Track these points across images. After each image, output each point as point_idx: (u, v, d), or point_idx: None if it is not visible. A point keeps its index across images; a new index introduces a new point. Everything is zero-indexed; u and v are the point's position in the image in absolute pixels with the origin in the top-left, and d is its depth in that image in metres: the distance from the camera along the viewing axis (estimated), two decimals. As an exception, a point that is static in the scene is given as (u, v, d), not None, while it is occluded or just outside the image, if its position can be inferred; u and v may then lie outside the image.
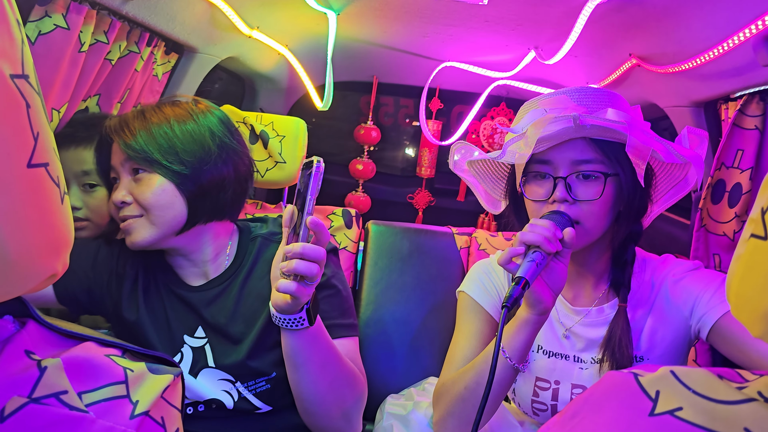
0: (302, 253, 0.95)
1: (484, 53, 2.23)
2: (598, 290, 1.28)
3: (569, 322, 1.27)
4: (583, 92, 1.21)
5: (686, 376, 0.55)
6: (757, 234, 0.52)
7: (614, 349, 1.18)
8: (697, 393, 0.53)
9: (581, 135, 1.15)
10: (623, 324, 1.19)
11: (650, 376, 0.56)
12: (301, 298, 0.98)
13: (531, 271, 1.00)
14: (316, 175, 0.97)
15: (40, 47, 1.23)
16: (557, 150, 1.16)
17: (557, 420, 0.61)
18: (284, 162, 1.85)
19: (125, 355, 0.64)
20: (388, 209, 2.99)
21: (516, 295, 0.97)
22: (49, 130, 0.61)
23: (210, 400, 1.22)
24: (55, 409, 0.55)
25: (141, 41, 1.55)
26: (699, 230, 1.54)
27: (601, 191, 1.14)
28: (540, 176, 1.20)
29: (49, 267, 0.59)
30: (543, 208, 1.18)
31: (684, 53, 1.50)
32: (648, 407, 0.54)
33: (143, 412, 0.58)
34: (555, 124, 1.12)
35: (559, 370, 1.26)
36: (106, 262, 1.26)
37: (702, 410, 0.51)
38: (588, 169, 1.15)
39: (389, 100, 3.02)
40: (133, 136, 1.12)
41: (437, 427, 1.23)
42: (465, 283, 1.38)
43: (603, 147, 1.15)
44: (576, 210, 1.15)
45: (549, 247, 1.03)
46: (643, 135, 1.10)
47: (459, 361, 1.26)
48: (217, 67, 2.02)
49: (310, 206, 0.97)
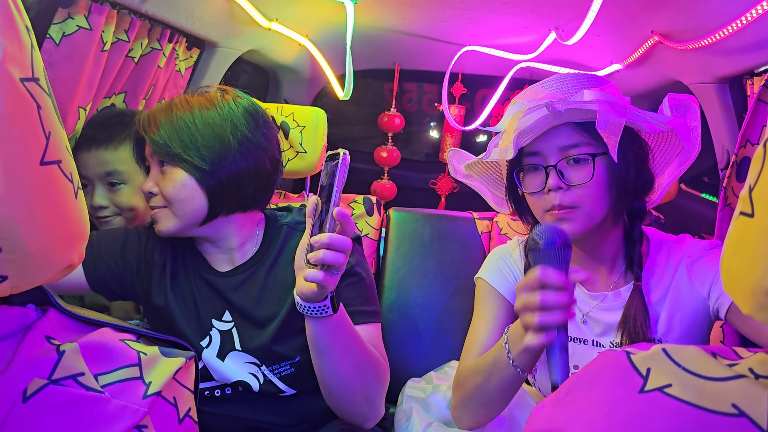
0: (329, 243, 0.97)
1: (504, 36, 2.21)
2: (614, 274, 1.27)
3: (586, 307, 1.27)
4: (561, 80, 1.22)
5: (677, 354, 0.55)
6: (744, 211, 0.52)
7: (630, 329, 1.17)
8: (687, 370, 0.53)
9: (562, 121, 1.15)
10: (638, 303, 1.18)
11: (642, 354, 0.57)
12: (328, 287, 1.00)
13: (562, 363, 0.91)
14: (342, 167, 0.99)
15: (65, 48, 1.28)
16: (544, 139, 1.17)
17: (552, 398, 0.62)
18: (305, 152, 1.88)
19: (140, 340, 0.68)
20: (415, 196, 3.00)
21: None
22: (61, 128, 0.65)
23: (237, 383, 1.26)
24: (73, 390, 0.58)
25: (162, 38, 1.59)
26: (723, 209, 1.51)
27: (592, 172, 1.14)
28: (533, 168, 1.21)
29: (66, 258, 0.63)
30: (541, 199, 1.18)
31: (706, 28, 1.47)
32: (638, 384, 0.55)
33: (155, 392, 0.62)
34: (531, 115, 1.12)
35: (578, 355, 1.26)
36: (134, 249, 1.32)
37: (691, 387, 0.52)
38: (576, 152, 1.16)
39: (412, 87, 3.02)
40: (157, 129, 1.18)
41: (454, 412, 1.25)
42: (483, 270, 1.39)
43: (588, 129, 1.15)
44: (572, 195, 1.15)
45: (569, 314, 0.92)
46: (616, 109, 1.10)
47: (477, 347, 1.27)
48: (240, 59, 2.06)
49: (337, 198, 0.99)
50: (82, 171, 1.48)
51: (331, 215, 0.98)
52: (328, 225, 0.98)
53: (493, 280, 1.34)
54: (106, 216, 1.49)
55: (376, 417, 1.23)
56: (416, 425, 1.30)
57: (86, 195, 1.50)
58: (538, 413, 0.61)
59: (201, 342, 1.27)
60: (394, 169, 2.93)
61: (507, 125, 1.17)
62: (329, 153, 1.04)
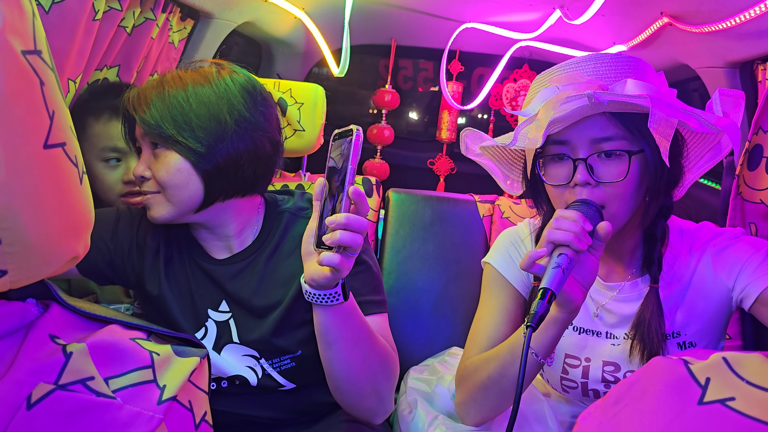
0: (347, 223, 0.92)
1: (507, 12, 2.15)
2: (632, 265, 1.22)
3: (602, 299, 1.23)
4: (599, 61, 1.10)
5: (739, 365, 0.52)
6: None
7: (644, 333, 1.13)
8: (750, 383, 0.50)
9: (599, 111, 1.05)
10: (654, 306, 1.14)
11: (701, 363, 0.54)
12: (343, 270, 0.95)
13: (557, 279, 0.92)
14: (356, 144, 0.94)
15: (54, 16, 1.20)
16: (575, 128, 1.07)
17: (599, 405, 0.58)
18: (303, 130, 1.82)
19: (150, 338, 0.63)
20: (408, 175, 2.95)
21: (541, 312, 0.90)
22: (65, 107, 0.59)
23: (234, 377, 1.20)
24: (82, 396, 0.54)
25: (156, 8, 1.51)
26: (735, 198, 1.48)
27: (626, 171, 1.05)
28: (558, 158, 1.10)
29: (70, 249, 0.58)
30: (564, 192, 1.10)
31: (721, 11, 1.43)
32: (697, 395, 0.51)
33: (171, 397, 0.57)
34: (568, 104, 1.03)
35: (589, 347, 1.22)
36: (126, 232, 1.24)
37: (756, 401, 0.49)
38: (610, 147, 1.05)
39: (408, 63, 2.95)
40: (148, 108, 1.09)
41: (459, 409, 1.21)
42: (491, 254, 1.33)
43: (625, 121, 1.05)
44: (600, 193, 1.06)
45: (579, 244, 0.94)
46: (668, 108, 1.00)
47: (483, 339, 1.22)
48: (233, 32, 1.98)
49: (351, 176, 0.94)
50: (116, 143, 1.39)
51: (346, 194, 0.93)
52: (343, 205, 0.93)
53: (502, 267, 1.29)
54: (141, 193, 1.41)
55: (385, 413, 1.18)
56: (422, 418, 1.26)
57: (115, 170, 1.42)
58: (585, 422, 0.58)
59: (196, 333, 1.20)
60: (387, 148, 2.87)
61: (540, 111, 1.07)
62: (338, 131, 0.99)
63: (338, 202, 0.94)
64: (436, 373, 1.48)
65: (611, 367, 1.19)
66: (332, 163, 0.99)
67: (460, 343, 1.76)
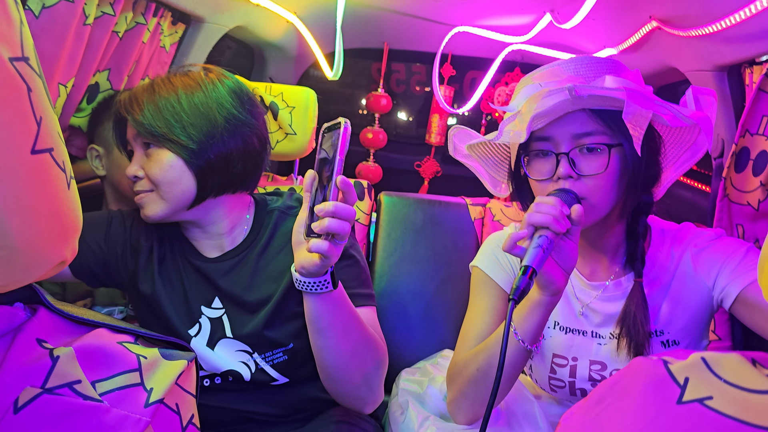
0: (335, 211, 0.95)
1: (496, 16, 2.16)
2: (615, 264, 1.25)
3: (586, 298, 1.25)
4: (579, 62, 1.16)
5: (717, 364, 0.53)
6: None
7: (630, 326, 1.15)
8: (728, 382, 0.51)
9: (580, 107, 1.10)
10: (639, 300, 1.16)
11: (680, 363, 0.54)
12: (332, 257, 0.98)
13: (538, 257, 0.97)
14: (344, 136, 0.97)
15: (45, 21, 1.20)
16: (557, 125, 1.12)
17: (582, 405, 0.59)
18: (294, 133, 1.82)
19: (138, 341, 0.63)
20: (401, 178, 2.96)
21: (523, 287, 0.94)
22: (53, 113, 0.59)
23: (227, 372, 1.23)
24: (69, 399, 0.54)
25: (147, 12, 1.52)
26: (722, 200, 1.50)
27: (606, 164, 1.10)
28: (542, 154, 1.15)
29: (58, 254, 0.58)
30: (548, 186, 1.13)
31: (708, 15, 1.44)
32: (676, 394, 0.52)
33: (158, 399, 0.58)
34: (550, 98, 1.06)
35: (576, 347, 1.24)
36: (118, 233, 1.27)
37: (734, 400, 0.49)
38: (590, 141, 1.10)
39: (401, 67, 2.96)
40: (141, 110, 1.13)
41: (451, 407, 1.22)
42: (478, 258, 1.36)
43: (604, 117, 1.10)
44: (581, 186, 1.10)
45: (557, 226, 0.99)
46: (643, 100, 1.05)
47: (472, 338, 1.24)
48: (225, 36, 1.98)
49: (340, 166, 0.97)
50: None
51: (335, 183, 0.97)
52: (332, 193, 0.97)
53: (489, 269, 1.31)
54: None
55: (374, 402, 1.20)
56: (413, 419, 1.27)
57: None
58: (567, 422, 0.58)
59: (189, 330, 1.23)
60: (380, 151, 2.88)
61: (523, 106, 1.11)
62: (327, 124, 1.03)
63: (327, 192, 0.97)
64: (428, 375, 1.49)
65: (598, 366, 1.21)
66: (322, 155, 1.02)
67: (452, 345, 1.76)
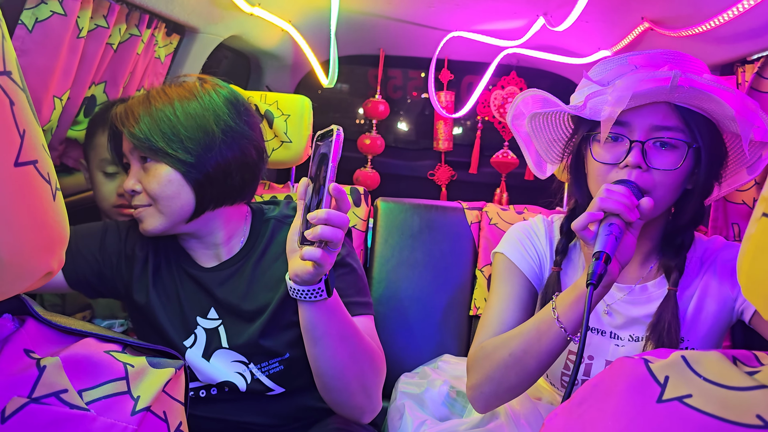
0: (327, 218, 0.95)
1: (491, 20, 2.17)
2: (644, 268, 1.23)
3: (611, 299, 1.23)
4: (675, 54, 1.13)
5: (697, 362, 0.53)
6: (768, 213, 0.50)
7: (662, 333, 1.13)
8: (707, 379, 0.51)
9: (669, 99, 1.06)
10: (673, 308, 1.14)
11: (661, 362, 0.55)
12: (325, 265, 0.98)
13: (610, 244, 0.97)
14: (337, 143, 0.97)
15: (38, 35, 1.22)
16: (637, 112, 1.08)
17: (565, 407, 0.59)
18: (290, 141, 1.83)
19: (126, 350, 0.64)
20: (401, 184, 2.96)
21: (600, 271, 0.94)
22: (37, 126, 0.60)
23: (223, 383, 1.22)
24: (56, 408, 0.54)
25: (141, 23, 1.53)
26: (718, 200, 1.50)
27: (681, 161, 1.07)
28: (612, 138, 1.12)
29: (44, 265, 0.59)
30: (611, 171, 1.11)
31: (698, 15, 1.45)
32: (656, 393, 0.52)
33: (145, 407, 0.58)
34: (649, 82, 1.04)
35: (594, 346, 1.22)
36: (114, 244, 1.26)
37: (712, 397, 0.49)
38: (669, 136, 1.08)
39: (397, 73, 2.97)
40: (137, 123, 1.12)
41: (471, 391, 1.19)
42: (502, 245, 1.32)
43: (686, 115, 1.07)
44: (647, 179, 1.08)
45: (629, 215, 0.99)
46: (747, 105, 1.03)
47: (496, 325, 1.21)
48: (221, 45, 2.00)
49: (332, 173, 0.97)
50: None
51: (327, 191, 0.97)
52: (324, 201, 0.97)
53: (515, 257, 1.28)
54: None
55: (373, 410, 1.19)
56: (409, 424, 1.27)
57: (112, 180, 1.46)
58: (550, 423, 0.59)
59: (185, 341, 1.23)
60: (378, 157, 2.89)
61: (618, 83, 1.07)
62: (320, 132, 1.02)
63: (320, 199, 0.97)
64: (427, 377, 1.48)
65: None
66: (315, 162, 1.02)
67: (452, 350, 1.77)
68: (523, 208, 1.92)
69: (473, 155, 2.82)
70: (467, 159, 2.88)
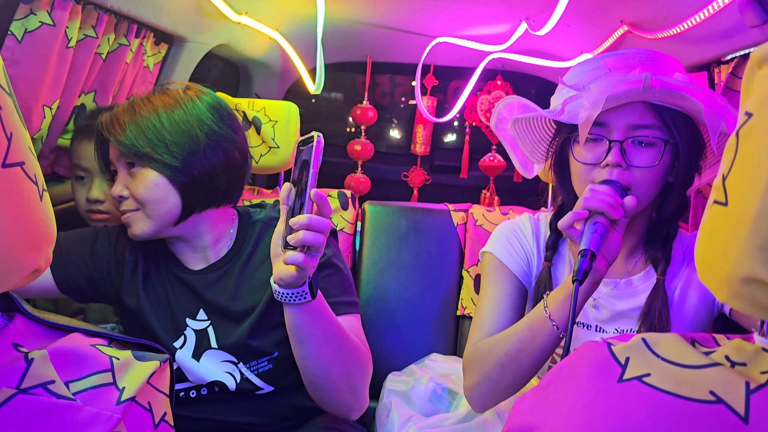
0: (309, 224, 0.97)
1: (475, 25, 2.20)
2: (629, 262, 1.26)
3: (597, 293, 1.25)
4: (648, 54, 1.17)
5: (656, 344, 0.56)
6: (718, 200, 0.53)
7: (653, 321, 1.16)
8: (665, 359, 0.54)
9: (643, 99, 1.10)
10: (662, 297, 1.17)
11: (622, 344, 0.57)
12: (307, 269, 1.00)
13: (596, 241, 1.00)
14: (317, 149, 1.00)
15: (28, 45, 1.24)
16: (614, 113, 1.12)
17: (533, 390, 0.62)
18: (278, 147, 1.86)
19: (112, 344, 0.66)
20: (390, 189, 2.99)
21: (585, 268, 0.97)
22: (24, 129, 0.63)
23: (212, 383, 1.25)
24: (43, 398, 0.57)
25: (129, 33, 1.56)
26: (696, 197, 1.53)
27: (659, 158, 1.11)
28: (591, 139, 1.16)
29: (31, 263, 0.61)
30: (593, 171, 1.15)
31: (673, 17, 1.48)
32: (617, 373, 0.55)
33: (129, 398, 0.60)
34: (622, 85, 1.07)
35: (580, 340, 1.25)
36: (104, 249, 1.29)
37: (669, 376, 0.52)
38: (646, 134, 1.12)
39: (385, 79, 3.00)
40: (122, 131, 1.15)
41: (469, 392, 1.21)
42: (490, 244, 1.34)
43: (662, 113, 1.11)
44: (628, 176, 1.12)
45: (613, 213, 1.02)
46: (715, 101, 1.06)
47: (489, 325, 1.23)
48: (210, 54, 2.02)
49: (313, 179, 1.00)
50: (82, 162, 1.45)
51: (309, 196, 0.99)
52: (306, 206, 0.99)
53: (503, 256, 1.30)
54: (99, 211, 1.45)
55: (360, 408, 1.22)
56: (395, 420, 1.29)
57: (83, 187, 1.47)
58: (519, 406, 0.61)
59: (174, 343, 1.25)
60: (368, 163, 2.92)
61: (593, 87, 1.11)
62: (301, 138, 1.05)
63: (302, 204, 1.00)
64: (414, 375, 1.50)
65: None
66: (297, 168, 1.05)
67: (440, 350, 1.79)
68: (509, 209, 1.95)
69: (463, 159, 2.85)
70: (455, 163, 2.91)
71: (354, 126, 2.96)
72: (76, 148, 1.46)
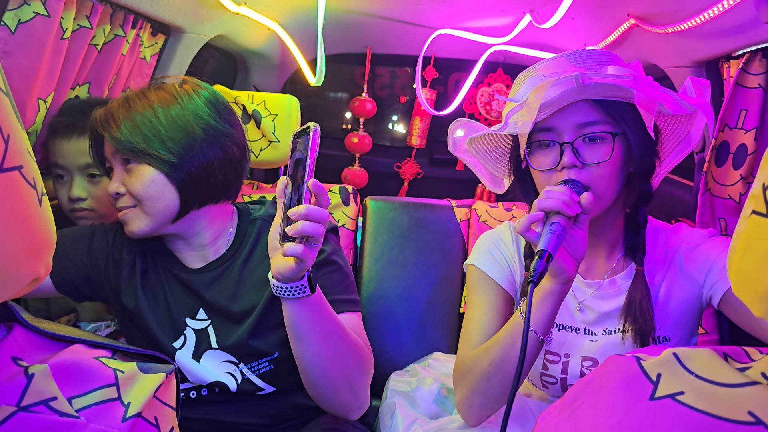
0: (307, 214, 0.96)
1: (478, 17, 2.17)
2: (611, 261, 1.26)
3: (582, 295, 1.25)
4: (581, 54, 1.18)
5: (689, 359, 0.54)
6: (758, 211, 0.50)
7: (636, 314, 1.16)
8: (699, 376, 0.52)
9: (583, 97, 1.12)
10: (642, 288, 1.17)
11: (653, 359, 0.55)
12: (307, 260, 0.99)
13: (552, 242, 0.99)
14: (314, 140, 0.98)
15: (21, 36, 1.20)
16: (560, 115, 1.13)
17: (558, 405, 0.60)
18: (278, 141, 1.82)
19: (116, 356, 0.63)
20: (388, 182, 2.96)
21: (541, 269, 0.96)
22: (22, 131, 0.59)
23: (213, 383, 1.22)
24: (45, 416, 0.54)
25: (126, 24, 1.52)
26: (704, 194, 1.51)
27: (611, 152, 1.12)
28: (544, 145, 1.16)
29: (31, 271, 0.58)
30: (552, 176, 1.15)
31: (683, 12, 1.46)
32: (648, 391, 0.53)
33: (136, 413, 0.58)
34: (556, 88, 1.08)
35: (569, 344, 1.24)
36: (101, 247, 1.26)
37: (704, 394, 0.50)
38: (594, 130, 1.12)
39: (384, 71, 2.96)
40: (118, 127, 1.12)
41: (461, 406, 1.21)
42: (473, 256, 1.35)
43: (607, 107, 1.12)
44: (586, 175, 1.12)
45: (568, 210, 1.01)
46: (649, 87, 1.07)
47: (476, 337, 1.23)
48: (207, 45, 1.98)
49: (311, 169, 0.98)
50: (59, 161, 1.41)
51: (306, 187, 0.97)
52: (304, 197, 0.98)
53: (486, 267, 1.31)
54: (83, 209, 1.42)
55: (360, 407, 1.20)
56: (399, 422, 1.27)
57: (63, 186, 1.44)
58: (544, 422, 0.59)
59: (174, 343, 1.23)
60: (366, 156, 2.88)
61: (530, 96, 1.11)
62: (297, 130, 1.04)
63: (300, 196, 0.98)
64: (417, 374, 1.49)
65: (590, 362, 1.22)
66: (293, 160, 1.03)
67: (442, 348, 1.77)
68: (512, 205, 1.92)
69: (461, 152, 2.82)
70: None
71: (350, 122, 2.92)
72: (52, 146, 1.42)
